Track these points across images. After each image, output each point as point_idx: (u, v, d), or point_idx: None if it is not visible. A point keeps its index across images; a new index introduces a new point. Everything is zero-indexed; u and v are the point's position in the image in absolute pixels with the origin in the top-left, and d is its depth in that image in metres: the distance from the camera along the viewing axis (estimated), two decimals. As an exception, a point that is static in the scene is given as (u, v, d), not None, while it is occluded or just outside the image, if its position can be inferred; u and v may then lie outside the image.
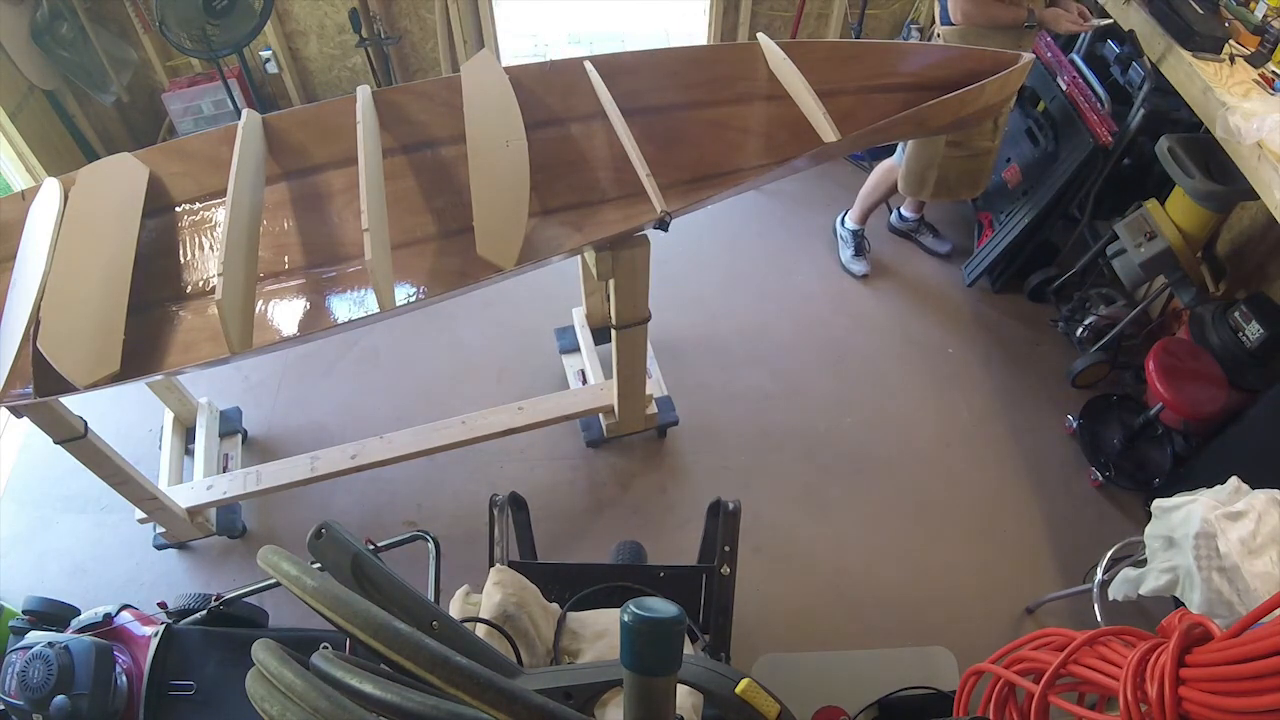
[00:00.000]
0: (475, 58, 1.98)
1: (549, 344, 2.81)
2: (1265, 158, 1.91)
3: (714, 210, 2.32)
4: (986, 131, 2.45)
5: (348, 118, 1.82)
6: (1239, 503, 1.54)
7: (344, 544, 0.84)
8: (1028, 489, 2.52)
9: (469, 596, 1.27)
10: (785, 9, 3.62)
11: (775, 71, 2.02)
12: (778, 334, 2.94)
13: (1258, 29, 2.30)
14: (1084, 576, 2.15)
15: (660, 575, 1.53)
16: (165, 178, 1.86)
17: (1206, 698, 0.97)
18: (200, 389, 2.60)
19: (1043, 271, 3.01)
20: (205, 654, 1.68)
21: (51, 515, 2.43)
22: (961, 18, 2.37)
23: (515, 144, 1.78)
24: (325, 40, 3.56)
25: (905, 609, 2.24)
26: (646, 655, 0.68)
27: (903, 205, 3.27)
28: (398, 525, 2.38)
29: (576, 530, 2.40)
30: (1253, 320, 2.23)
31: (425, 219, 1.86)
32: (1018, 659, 1.32)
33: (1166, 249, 2.39)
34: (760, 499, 2.44)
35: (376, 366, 2.82)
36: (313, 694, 0.59)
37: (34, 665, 1.51)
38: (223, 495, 2.26)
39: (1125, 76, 2.56)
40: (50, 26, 2.98)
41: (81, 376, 1.53)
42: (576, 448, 2.58)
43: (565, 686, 0.85)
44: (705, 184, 1.93)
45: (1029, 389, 2.79)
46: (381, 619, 0.66)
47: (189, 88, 3.37)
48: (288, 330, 1.70)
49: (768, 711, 0.82)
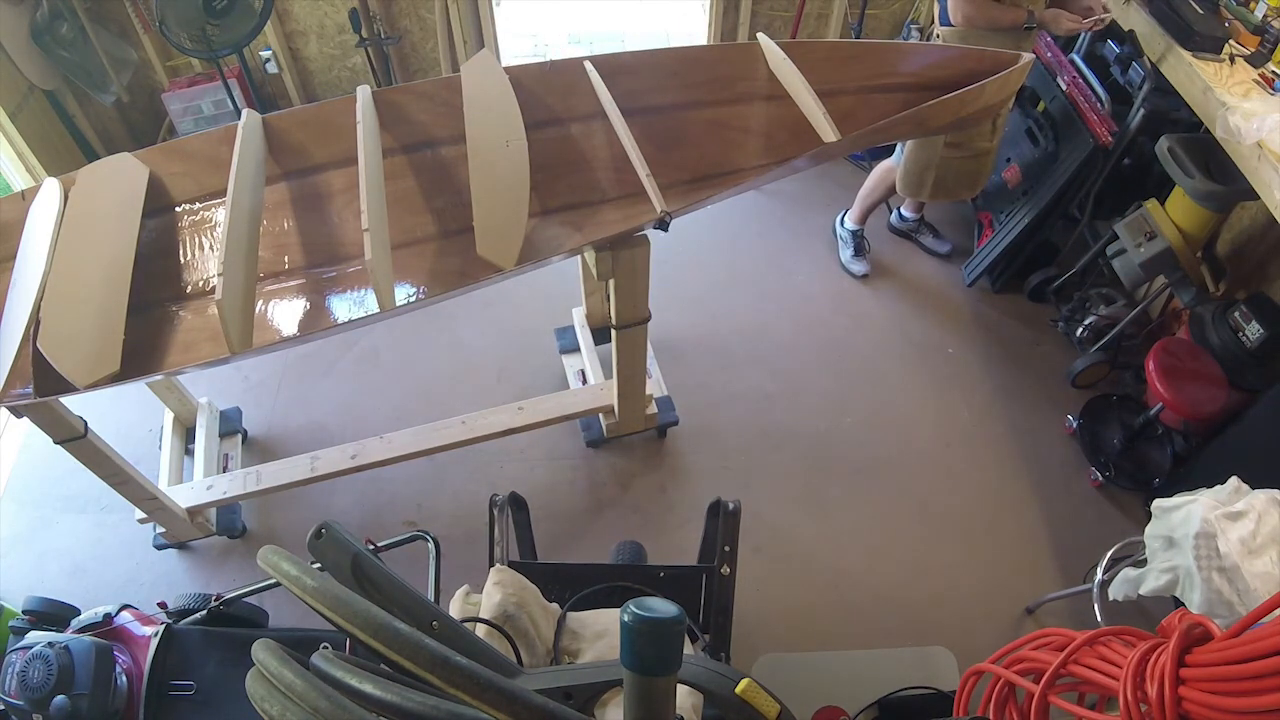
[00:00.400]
0: (475, 58, 1.98)
1: (549, 344, 2.81)
2: (1265, 158, 1.91)
3: (714, 210, 2.32)
4: (985, 132, 2.45)
5: (348, 118, 1.82)
6: (1239, 503, 1.54)
7: (344, 544, 0.84)
8: (1028, 489, 2.52)
9: (469, 596, 1.27)
10: (785, 9, 3.62)
11: (775, 71, 2.02)
12: (778, 334, 2.94)
13: (1258, 29, 2.30)
14: (1084, 576, 2.15)
15: (660, 575, 1.53)
16: (165, 178, 1.86)
17: (1206, 698, 0.97)
18: (200, 389, 2.60)
19: (1043, 271, 3.01)
20: (205, 654, 1.68)
21: (51, 515, 2.43)
22: (962, 19, 2.37)
23: (515, 144, 1.78)
24: (325, 40, 3.56)
25: (905, 609, 2.24)
26: (646, 655, 0.68)
27: (902, 205, 3.27)
28: (398, 525, 2.38)
29: (576, 530, 2.40)
30: (1253, 320, 2.23)
31: (425, 219, 1.86)
32: (1018, 659, 1.32)
33: (1166, 249, 2.39)
34: (760, 499, 2.44)
35: (376, 366, 2.82)
36: (313, 694, 0.59)
37: (34, 665, 1.51)
38: (223, 495, 2.26)
39: (1125, 76, 2.57)
40: (50, 26, 2.97)
41: (81, 376, 1.53)
42: (576, 448, 2.58)
43: (565, 686, 0.85)
44: (705, 184, 1.93)
45: (1029, 389, 2.79)
46: (381, 619, 0.65)
47: (189, 88, 3.37)
48: (288, 330, 1.70)
49: (768, 711, 0.82)
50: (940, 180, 2.61)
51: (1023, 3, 2.36)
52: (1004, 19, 2.34)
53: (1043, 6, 2.41)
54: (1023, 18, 2.34)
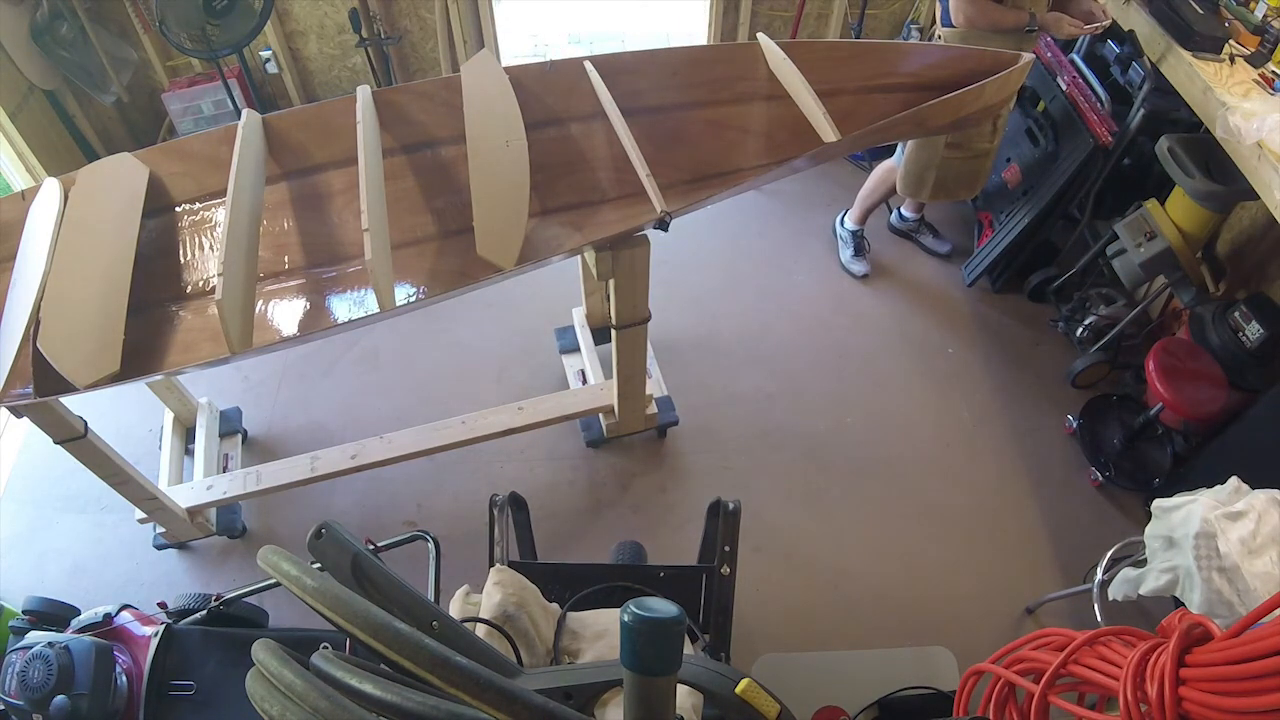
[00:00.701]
0: (475, 58, 1.98)
1: (549, 344, 2.81)
2: (1265, 158, 1.91)
3: (714, 210, 2.32)
4: (985, 133, 2.45)
5: (348, 118, 1.82)
6: (1239, 503, 1.54)
7: (344, 544, 0.84)
8: (1028, 489, 2.52)
9: (469, 596, 1.27)
10: (785, 9, 3.62)
11: (775, 71, 2.02)
12: (778, 334, 2.94)
13: (1258, 29, 2.30)
14: (1084, 576, 2.15)
15: (660, 575, 1.53)
16: (165, 178, 1.86)
17: (1206, 698, 0.97)
18: (200, 389, 2.60)
19: (1043, 271, 3.01)
20: (205, 654, 1.68)
21: (51, 515, 2.43)
22: (963, 20, 2.37)
23: (515, 144, 1.78)
24: (325, 40, 3.56)
25: (905, 609, 2.24)
26: (646, 655, 0.68)
27: (903, 205, 3.27)
28: (398, 525, 2.38)
29: (576, 530, 2.40)
30: (1253, 320, 2.23)
31: (425, 219, 1.86)
32: (1018, 659, 1.31)
33: (1166, 249, 2.39)
34: (760, 499, 2.44)
35: (376, 366, 2.82)
36: (313, 694, 0.59)
37: (34, 665, 1.51)
38: (223, 495, 2.26)
39: (1125, 76, 2.57)
40: (50, 26, 2.97)
41: (81, 376, 1.53)
42: (576, 448, 2.58)
43: (565, 686, 0.85)
44: (705, 184, 1.93)
45: (1029, 389, 2.79)
46: (381, 619, 0.65)
47: (189, 88, 3.37)
48: (288, 330, 1.70)
49: (768, 711, 0.82)
50: (940, 181, 2.62)
51: (1024, 5, 2.36)
52: (1005, 21, 2.34)
53: (1044, 9, 2.41)
54: (1024, 20, 2.34)
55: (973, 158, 2.54)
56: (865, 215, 3.09)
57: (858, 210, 3.08)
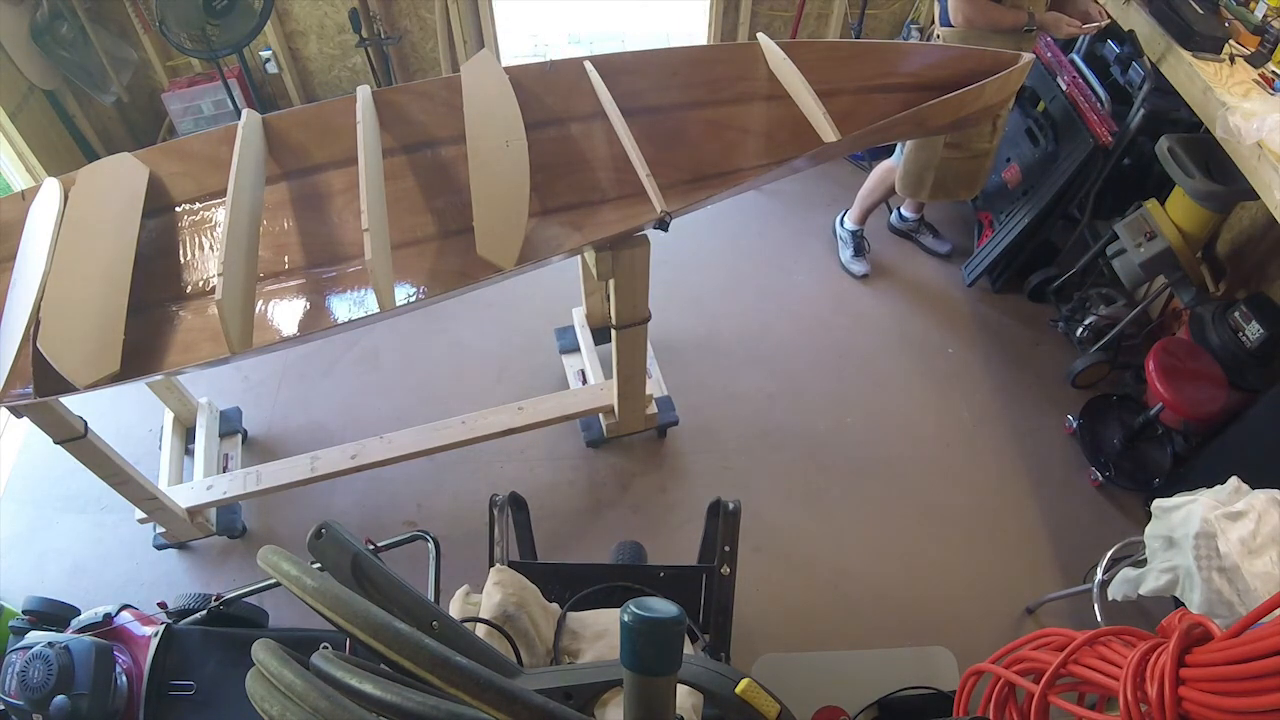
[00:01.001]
0: (475, 58, 1.98)
1: (549, 344, 2.81)
2: (1265, 158, 1.91)
3: (714, 210, 2.32)
4: (985, 133, 2.45)
5: (348, 118, 1.82)
6: (1239, 503, 1.54)
7: (344, 544, 0.84)
8: (1028, 489, 2.52)
9: (469, 596, 1.27)
10: (785, 9, 3.62)
11: (775, 71, 2.02)
12: (778, 334, 2.94)
13: (1258, 29, 2.30)
14: (1084, 576, 2.15)
15: (660, 575, 1.53)
16: (165, 178, 1.86)
17: (1206, 698, 0.97)
18: (200, 389, 2.60)
19: (1043, 271, 3.01)
20: (205, 654, 1.68)
21: (51, 515, 2.43)
22: (962, 20, 2.37)
23: (515, 144, 1.78)
24: (325, 40, 3.56)
25: (905, 609, 2.24)
26: (646, 655, 0.68)
27: (902, 205, 3.27)
28: (398, 525, 2.38)
29: (576, 530, 2.40)
30: (1253, 320, 2.23)
31: (425, 219, 1.86)
32: (1018, 659, 1.31)
33: (1166, 249, 2.39)
34: (760, 499, 2.44)
35: (376, 366, 2.82)
36: (313, 694, 0.59)
37: (34, 665, 1.51)
38: (223, 495, 2.26)
39: (1125, 76, 2.56)
40: (50, 26, 2.97)
41: (81, 376, 1.53)
42: (576, 448, 2.58)
43: (565, 686, 0.85)
44: (705, 184, 1.93)
45: (1029, 389, 2.79)
46: (381, 619, 0.65)
47: (189, 88, 3.37)
48: (288, 330, 1.70)
49: (768, 711, 0.82)
50: (940, 181, 2.62)
51: (1023, 4, 2.36)
52: (1005, 21, 2.34)
53: (1043, 8, 2.41)
54: (1023, 20, 2.34)
55: (972, 158, 2.54)
56: (865, 215, 3.09)
57: (857, 210, 3.08)
